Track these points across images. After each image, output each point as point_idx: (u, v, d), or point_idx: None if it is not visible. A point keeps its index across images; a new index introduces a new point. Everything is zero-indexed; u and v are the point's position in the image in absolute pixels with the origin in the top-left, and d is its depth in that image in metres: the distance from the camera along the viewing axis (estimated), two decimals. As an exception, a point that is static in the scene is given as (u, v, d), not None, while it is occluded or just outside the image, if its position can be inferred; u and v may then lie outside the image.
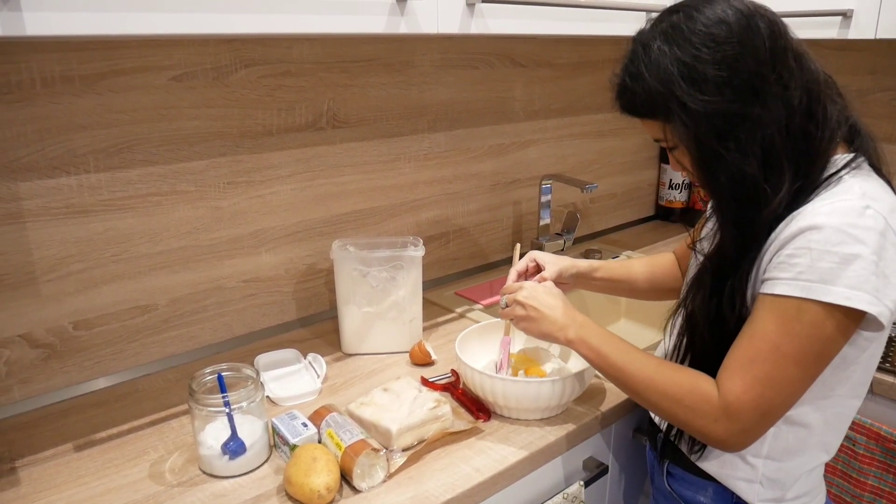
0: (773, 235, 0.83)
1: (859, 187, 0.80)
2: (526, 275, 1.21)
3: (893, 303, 0.78)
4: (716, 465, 0.96)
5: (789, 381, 0.82)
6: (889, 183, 0.87)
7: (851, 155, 0.85)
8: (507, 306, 1.10)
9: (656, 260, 1.28)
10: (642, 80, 0.86)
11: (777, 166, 0.82)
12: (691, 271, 1.00)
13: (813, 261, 0.77)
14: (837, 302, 0.77)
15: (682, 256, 1.25)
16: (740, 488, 0.94)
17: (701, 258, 0.96)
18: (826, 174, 0.83)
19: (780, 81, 0.81)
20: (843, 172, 0.83)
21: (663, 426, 1.02)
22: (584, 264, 1.24)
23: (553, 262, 1.20)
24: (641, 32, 0.89)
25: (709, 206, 1.01)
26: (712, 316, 0.91)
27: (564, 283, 1.22)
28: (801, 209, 0.81)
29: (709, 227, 0.98)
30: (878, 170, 0.88)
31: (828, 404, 0.90)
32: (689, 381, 0.88)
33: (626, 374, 0.94)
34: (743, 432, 0.85)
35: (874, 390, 1.30)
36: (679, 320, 0.99)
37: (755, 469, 0.93)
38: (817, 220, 0.78)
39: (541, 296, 1.05)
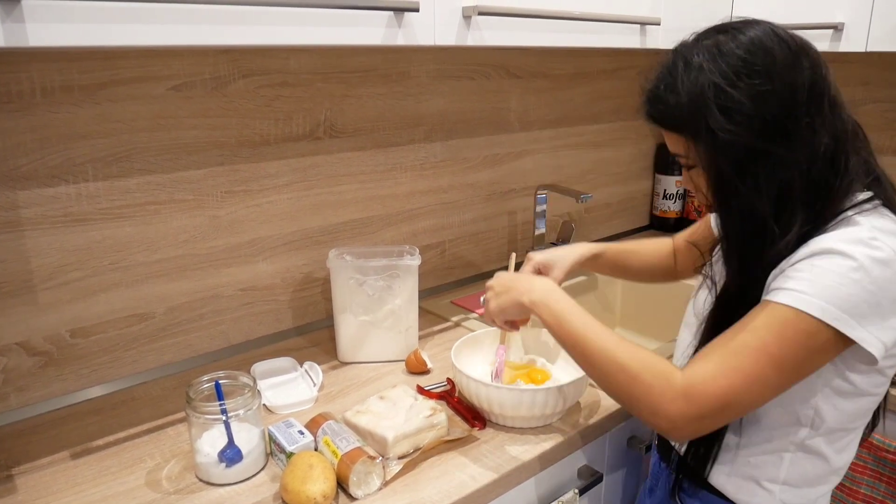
0: (779, 266, 0.82)
1: (869, 223, 0.80)
2: None
3: (889, 334, 0.78)
4: (733, 488, 0.94)
5: (764, 381, 0.80)
6: None
7: (867, 195, 0.84)
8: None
9: (657, 246, 1.30)
10: (676, 94, 0.84)
11: (790, 209, 0.82)
12: (706, 305, 0.96)
13: (815, 276, 0.77)
14: (825, 319, 0.76)
15: (682, 250, 1.26)
16: None
17: (711, 286, 0.95)
18: (838, 212, 0.83)
19: (810, 125, 0.81)
20: (851, 212, 0.82)
21: (678, 447, 1.01)
22: (584, 249, 1.25)
23: (559, 267, 1.21)
24: (684, 45, 0.87)
25: (703, 217, 1.01)
26: None
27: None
28: (806, 244, 0.81)
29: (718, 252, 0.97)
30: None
31: (842, 435, 0.89)
32: (651, 359, 0.86)
33: (584, 342, 0.91)
34: (697, 419, 0.81)
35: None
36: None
37: (773, 494, 0.91)
38: (824, 244, 0.79)
39: (513, 275, 1.10)
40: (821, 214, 0.82)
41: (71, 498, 0.94)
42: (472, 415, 1.12)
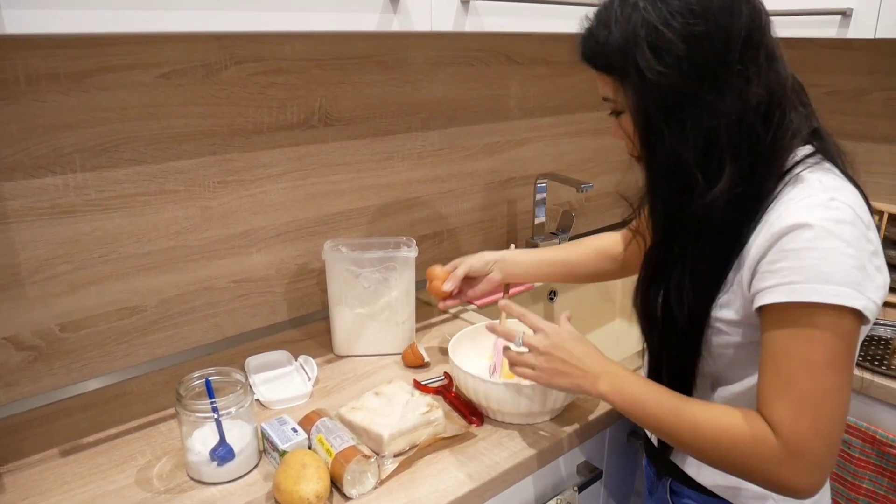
0: (747, 246, 0.80)
1: (818, 181, 0.78)
2: (460, 294, 1.25)
3: (875, 293, 0.75)
4: (722, 485, 0.92)
5: (834, 390, 0.75)
6: (852, 179, 0.82)
7: (808, 149, 0.82)
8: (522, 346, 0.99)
9: (602, 240, 1.26)
10: (608, 31, 0.81)
11: (716, 160, 0.79)
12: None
13: (794, 261, 0.74)
14: (827, 301, 0.73)
15: (630, 243, 1.18)
16: None
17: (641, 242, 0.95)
18: (782, 171, 0.80)
19: (743, 74, 0.78)
20: (798, 169, 0.80)
21: (654, 439, 1.00)
22: (508, 251, 1.25)
23: (463, 261, 1.23)
24: None
25: None
26: (651, 310, 0.90)
27: (481, 275, 1.24)
28: (766, 217, 0.78)
29: None
30: (841, 168, 0.83)
31: None
32: (739, 423, 0.80)
33: (668, 424, 0.85)
34: (814, 468, 0.76)
35: (870, 394, 1.29)
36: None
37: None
38: (786, 221, 0.76)
39: (569, 344, 0.95)
40: (755, 170, 0.79)
41: (60, 497, 0.93)
42: (470, 410, 1.10)
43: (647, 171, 0.86)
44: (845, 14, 1.39)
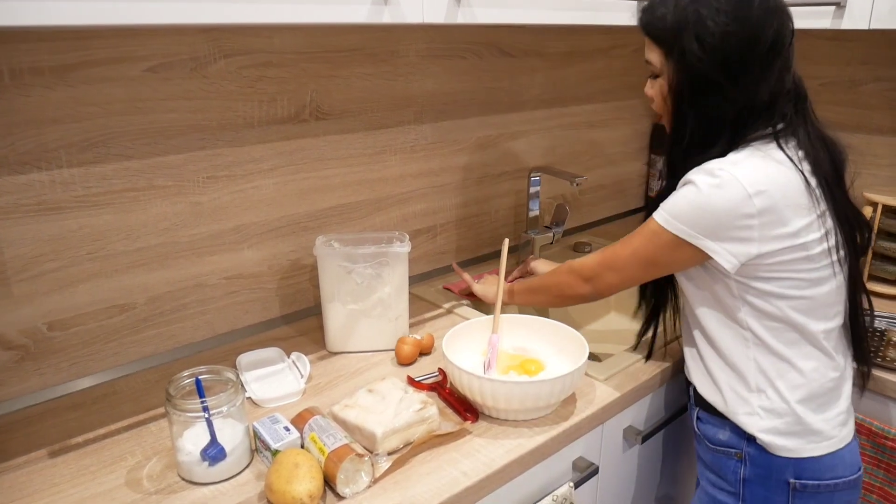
0: None
1: (733, 153, 0.98)
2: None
3: (738, 249, 0.96)
4: (723, 405, 1.08)
5: (623, 260, 1.08)
6: (792, 160, 0.98)
7: (764, 132, 1.00)
8: None
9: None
10: (666, 11, 0.99)
11: (715, 134, 1.00)
12: None
13: (672, 197, 1.01)
14: (656, 219, 1.01)
15: None
16: (743, 422, 1.06)
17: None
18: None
19: (757, 76, 0.96)
20: (741, 145, 1.00)
21: (695, 381, 1.14)
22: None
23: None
24: None
25: None
26: None
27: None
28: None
29: None
30: (784, 151, 0.99)
31: (739, 329, 1.05)
32: (563, 271, 1.22)
33: (530, 292, 1.29)
34: (594, 279, 1.14)
35: (865, 386, 1.28)
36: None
37: (749, 403, 1.05)
38: (688, 176, 1.00)
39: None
40: (733, 145, 1.01)
41: (48, 499, 0.91)
42: (465, 407, 1.09)
43: (672, 134, 1.07)
44: (839, 5, 1.38)
